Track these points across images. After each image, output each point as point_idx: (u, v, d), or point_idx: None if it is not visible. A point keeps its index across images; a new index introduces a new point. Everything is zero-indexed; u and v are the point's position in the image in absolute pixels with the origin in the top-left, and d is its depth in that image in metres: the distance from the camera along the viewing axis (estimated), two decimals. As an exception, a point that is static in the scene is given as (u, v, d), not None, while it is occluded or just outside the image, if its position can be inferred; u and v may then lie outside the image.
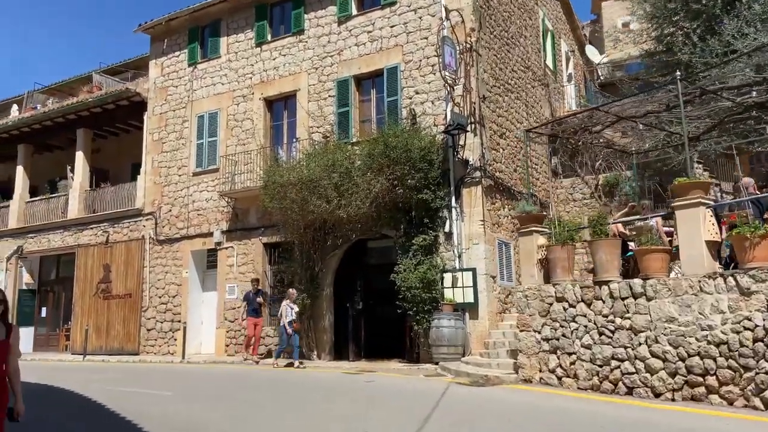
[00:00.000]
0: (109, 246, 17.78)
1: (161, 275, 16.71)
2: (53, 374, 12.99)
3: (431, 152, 12.49)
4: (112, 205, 18.25)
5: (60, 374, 13.03)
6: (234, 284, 15.48)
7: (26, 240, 19.74)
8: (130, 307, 16.96)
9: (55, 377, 12.15)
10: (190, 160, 16.83)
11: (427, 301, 12.04)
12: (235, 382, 10.88)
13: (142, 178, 17.63)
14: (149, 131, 17.80)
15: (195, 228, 16.40)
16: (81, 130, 19.27)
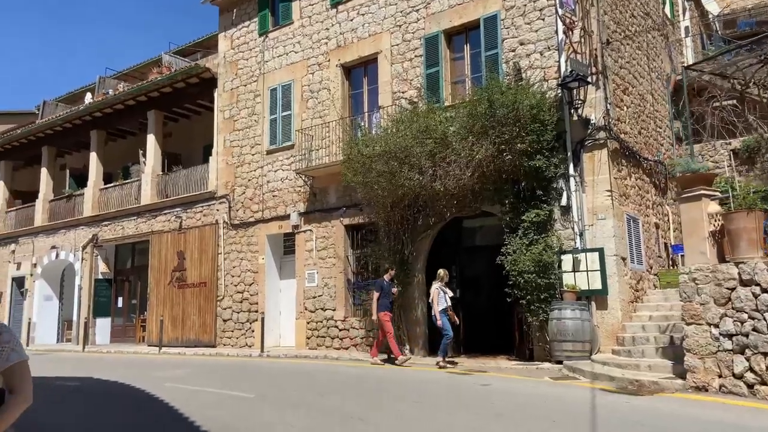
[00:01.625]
0: (182, 232, 16.85)
1: (236, 262, 15.57)
2: (128, 370, 12.01)
3: (542, 111, 10.47)
4: (185, 189, 17.31)
5: (134, 370, 12.03)
6: (314, 270, 14.07)
7: (101, 228, 19.22)
8: (205, 297, 15.94)
9: (129, 373, 11.12)
10: (263, 138, 15.54)
11: (542, 288, 10.11)
12: (324, 381, 9.38)
13: (214, 159, 16.54)
14: (220, 109, 16.66)
15: (270, 210, 15.11)
16: (152, 112, 18.45)
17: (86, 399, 8.64)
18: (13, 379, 2.13)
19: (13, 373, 2.13)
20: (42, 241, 21.06)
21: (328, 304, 13.69)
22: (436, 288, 10.59)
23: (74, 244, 19.83)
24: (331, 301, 13.64)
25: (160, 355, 15.10)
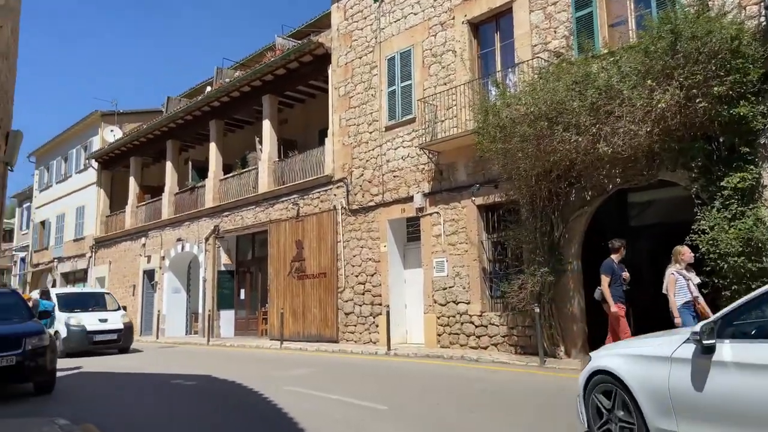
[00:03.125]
0: (300, 220, 15.91)
1: (356, 250, 14.29)
2: (247, 368, 11.07)
3: (744, 44, 7.91)
4: (301, 175, 16.38)
5: (254, 368, 11.06)
6: (443, 258, 12.37)
7: (222, 219, 18.93)
8: (325, 288, 14.85)
9: (248, 372, 10.13)
10: (381, 113, 14.08)
11: (755, 275, 7.60)
12: (471, 391, 7.64)
13: (329, 140, 15.39)
14: (334, 86, 15.46)
15: (391, 193, 13.63)
16: (266, 96, 17.75)
17: (199, 403, 7.61)
18: None
19: None
20: (169, 234, 21.35)
21: (460, 297, 11.94)
22: (674, 272, 7.60)
23: (198, 235, 19.78)
24: (465, 293, 11.88)
25: (281, 350, 14.21)
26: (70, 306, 15.17)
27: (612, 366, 4.34)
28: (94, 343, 14.42)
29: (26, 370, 8.44)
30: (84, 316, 14.69)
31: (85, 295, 16.48)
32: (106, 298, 16.42)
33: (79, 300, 15.77)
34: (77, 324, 14.41)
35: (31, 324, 9.14)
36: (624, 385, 4.17)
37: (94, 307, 15.55)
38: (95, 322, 14.62)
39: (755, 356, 3.41)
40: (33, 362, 8.53)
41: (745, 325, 3.71)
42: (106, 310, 15.54)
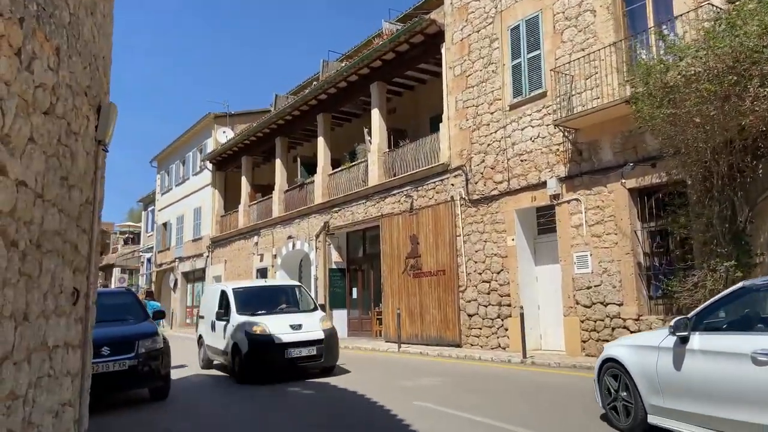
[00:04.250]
0: (414, 213, 14.73)
1: (479, 245, 12.85)
2: (366, 373, 10.02)
3: None
4: (414, 165, 15.20)
5: (375, 375, 9.99)
6: (586, 252, 10.62)
7: (331, 215, 18.24)
8: (444, 287, 13.56)
9: (370, 380, 9.08)
10: (505, 90, 12.54)
11: None
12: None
13: (444, 125, 14.08)
14: (449, 65, 14.11)
15: (518, 179, 12.06)
16: (374, 84, 16.78)
17: (312, 415, 6.60)
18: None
19: None
20: (280, 232, 21.09)
21: (610, 297, 10.14)
22: None
23: (308, 233, 19.27)
24: (615, 292, 10.07)
25: (400, 354, 13.11)
26: (250, 306, 10.70)
27: (617, 354, 5.34)
28: (289, 360, 9.62)
29: (139, 375, 7.92)
30: (271, 322, 10.03)
31: (271, 290, 11.83)
32: (297, 293, 11.79)
33: (262, 297, 11.27)
34: (263, 333, 9.72)
35: (144, 325, 8.66)
36: (626, 370, 5.15)
37: (283, 306, 11.07)
38: (286, 329, 9.86)
39: (714, 345, 4.34)
40: (146, 366, 8.01)
41: (711, 321, 4.64)
42: (298, 310, 11.05)
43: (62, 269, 3.74)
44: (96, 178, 4.68)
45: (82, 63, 4.09)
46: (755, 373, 3.88)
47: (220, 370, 11.50)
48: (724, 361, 4.18)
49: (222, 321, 10.67)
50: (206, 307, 12.23)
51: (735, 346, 4.15)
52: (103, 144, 4.76)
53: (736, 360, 4.07)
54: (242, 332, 9.81)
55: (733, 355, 4.12)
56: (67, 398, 4.06)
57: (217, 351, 10.97)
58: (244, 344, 9.66)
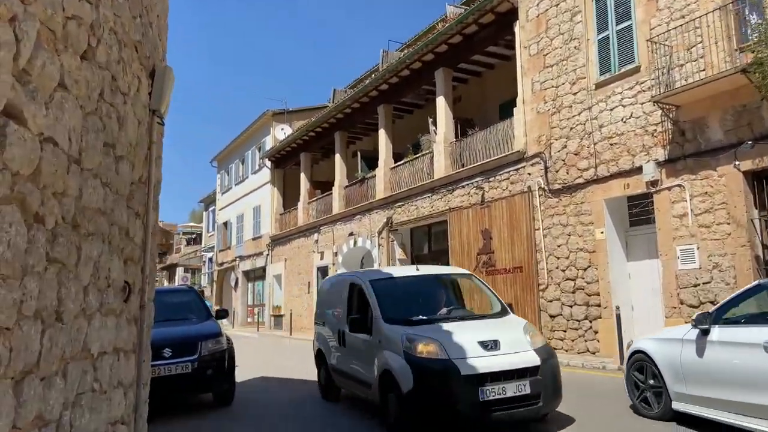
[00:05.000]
0: (485, 206, 13.71)
1: (561, 239, 11.70)
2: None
3: None
4: (484, 155, 14.17)
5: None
6: (692, 245, 9.33)
7: (394, 210, 17.43)
8: (522, 285, 12.48)
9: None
10: (589, 68, 11.35)
11: None
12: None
13: (519, 110, 12.98)
14: (523, 45, 13.01)
15: (607, 165, 10.85)
16: (439, 71, 15.84)
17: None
18: None
19: None
20: (340, 229, 20.48)
21: (723, 296, 8.79)
22: None
23: (370, 229, 18.54)
24: (729, 290, 8.72)
25: (473, 357, 12.08)
26: (401, 308, 6.62)
27: (645, 347, 5.99)
28: (484, 405, 5.30)
29: (202, 379, 7.32)
30: (446, 336, 5.82)
31: (429, 283, 7.39)
32: (462, 285, 7.61)
33: (418, 293, 7.13)
34: (436, 356, 5.56)
35: (207, 325, 8.09)
36: (653, 361, 5.79)
37: (451, 309, 6.77)
38: (474, 349, 5.62)
39: (731, 336, 4.90)
40: (210, 369, 7.41)
41: (730, 315, 5.18)
42: (473, 316, 6.81)
43: (109, 258, 3.03)
44: (151, 154, 3.98)
45: (131, 10, 3.38)
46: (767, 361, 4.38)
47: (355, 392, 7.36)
48: (741, 350, 4.70)
49: (358, 334, 6.52)
50: (327, 309, 8.16)
51: (750, 337, 4.63)
52: (158, 114, 4.07)
53: (750, 349, 4.55)
54: (398, 354, 5.66)
55: (748, 345, 4.61)
56: (119, 415, 3.35)
57: (353, 379, 6.89)
58: (405, 376, 5.46)
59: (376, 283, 6.87)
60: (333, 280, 8.61)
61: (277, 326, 25.44)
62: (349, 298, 7.20)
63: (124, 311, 3.37)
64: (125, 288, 3.38)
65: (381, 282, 6.97)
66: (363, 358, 6.52)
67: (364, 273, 7.69)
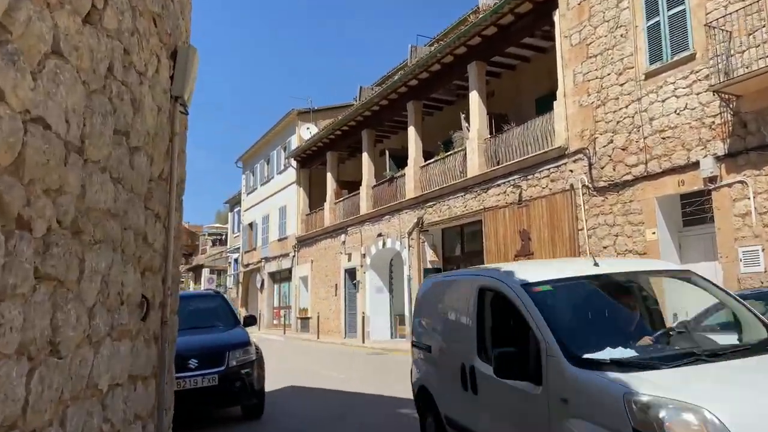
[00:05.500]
0: (523, 205, 13.03)
1: (608, 240, 10.97)
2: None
3: None
4: (521, 151, 13.48)
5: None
6: (756, 247, 8.56)
7: (425, 210, 16.83)
8: (564, 289, 11.76)
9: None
10: (638, 56, 10.60)
11: None
12: None
13: (559, 103, 12.27)
14: (564, 35, 12.30)
15: (659, 161, 10.10)
16: (472, 64, 15.19)
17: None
18: None
19: None
20: (368, 230, 19.94)
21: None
22: None
23: (399, 230, 17.97)
24: (802, 297, 7.95)
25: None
26: (592, 335, 3.69)
27: None
28: None
29: (230, 392, 6.84)
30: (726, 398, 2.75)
31: (614, 288, 4.17)
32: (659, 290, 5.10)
33: (602, 307, 4.16)
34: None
35: (235, 333, 7.61)
36: None
37: (661, 335, 3.77)
38: None
39: None
40: (238, 381, 6.92)
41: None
42: (732, 349, 3.47)
43: (122, 270, 2.50)
44: (173, 147, 3.46)
45: (149, -24, 2.87)
46: None
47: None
48: None
49: (512, 381, 3.54)
50: (433, 325, 5.46)
51: None
52: (181, 102, 3.55)
53: None
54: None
55: None
56: (136, 453, 2.83)
57: None
58: None
59: (540, 293, 3.81)
60: (441, 279, 5.84)
61: (303, 329, 25.04)
62: (479, 312, 4.33)
63: (141, 331, 2.85)
64: (143, 304, 2.87)
65: (545, 291, 3.90)
66: (522, 424, 3.67)
67: (502, 273, 4.32)
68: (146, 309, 2.85)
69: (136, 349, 2.75)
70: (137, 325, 2.77)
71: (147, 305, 2.86)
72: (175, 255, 3.67)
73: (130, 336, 2.64)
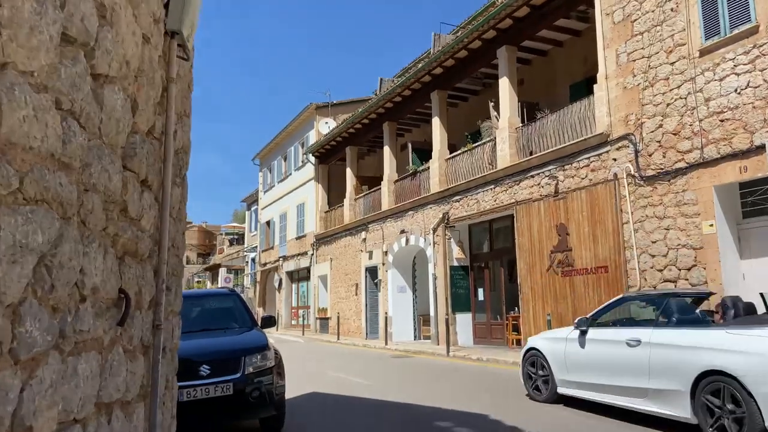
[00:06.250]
0: (560, 198, 12.10)
1: (658, 234, 10.01)
2: (527, 405, 7.59)
3: None
4: (557, 140, 12.56)
5: (539, 407, 7.50)
6: (838, 240, 7.56)
7: (451, 205, 15.95)
8: (608, 287, 10.82)
9: (535, 417, 6.66)
10: (691, 31, 9.63)
11: None
12: None
13: (601, 87, 11.33)
14: (605, 12, 11.35)
15: (717, 145, 9.12)
16: (502, 49, 14.29)
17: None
18: None
19: None
20: (390, 227, 19.11)
21: None
22: None
23: (423, 226, 17.11)
24: None
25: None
26: None
27: (537, 345, 7.67)
28: None
29: (246, 402, 6.04)
30: None
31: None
32: None
33: None
34: None
35: (252, 336, 6.81)
36: (543, 356, 7.44)
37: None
38: None
39: (603, 335, 6.58)
40: (256, 390, 6.12)
41: (602, 320, 6.94)
42: None
43: (79, 249, 1.68)
44: (168, 96, 2.66)
45: None
46: (628, 353, 6.05)
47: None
48: (609, 346, 6.41)
49: None
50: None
51: (616, 335, 6.39)
52: (179, 40, 2.74)
53: (616, 345, 6.27)
54: None
55: (614, 341, 6.32)
56: None
57: None
58: None
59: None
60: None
61: (323, 330, 24.29)
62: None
63: (118, 340, 2.05)
64: (122, 300, 2.06)
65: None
66: None
67: None
68: (125, 309, 2.05)
69: (111, 366, 1.96)
70: (111, 332, 1.97)
71: (127, 303, 2.06)
72: (176, 241, 2.88)
73: (98, 347, 1.84)
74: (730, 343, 5.09)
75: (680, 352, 5.48)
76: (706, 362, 5.19)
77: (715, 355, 5.15)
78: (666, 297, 6.43)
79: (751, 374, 4.79)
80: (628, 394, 5.99)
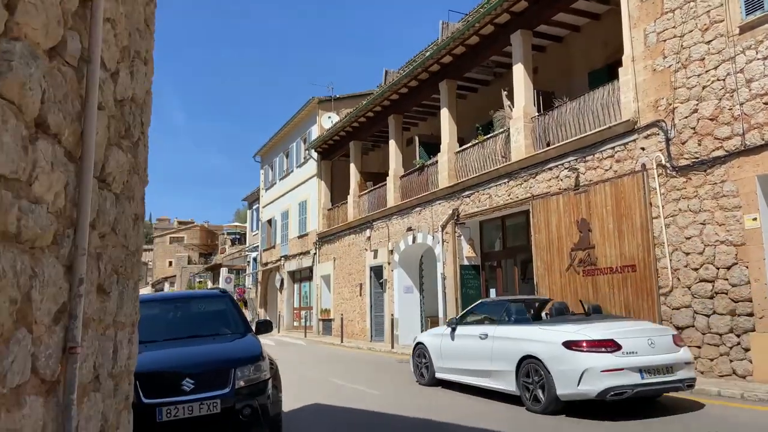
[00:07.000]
0: (581, 191, 11.24)
1: (693, 229, 9.14)
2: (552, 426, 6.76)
3: None
4: (577, 129, 11.70)
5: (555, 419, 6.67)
6: None
7: (461, 200, 15.09)
8: (636, 288, 9.95)
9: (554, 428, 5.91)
10: (729, 6, 8.76)
11: None
12: None
13: (627, 70, 10.45)
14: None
15: (760, 131, 8.26)
16: (516, 33, 13.43)
17: None
18: None
19: None
20: (396, 224, 18.26)
21: None
22: None
23: (431, 223, 16.26)
24: None
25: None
26: None
27: (423, 340, 9.68)
28: None
29: (237, 421, 5.20)
30: None
31: None
32: None
33: None
34: None
35: (245, 343, 5.98)
36: (426, 348, 9.44)
37: None
38: None
39: (466, 331, 8.60)
40: (247, 407, 5.28)
41: (467, 319, 9.04)
42: None
43: None
44: (94, 8, 1.80)
45: None
46: (480, 344, 8.05)
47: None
48: (469, 339, 8.41)
49: None
50: None
51: (474, 331, 8.39)
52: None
53: (473, 338, 8.27)
54: None
55: (472, 336, 8.32)
56: None
57: None
58: None
59: None
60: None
61: (326, 331, 23.45)
62: None
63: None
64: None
65: None
66: None
67: None
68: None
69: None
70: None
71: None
72: (122, 225, 2.04)
73: None
74: (538, 336, 7.17)
75: (511, 342, 7.53)
76: (524, 349, 7.24)
77: (530, 344, 7.20)
78: (509, 302, 8.52)
79: (548, 357, 6.86)
80: (479, 375, 8.09)
